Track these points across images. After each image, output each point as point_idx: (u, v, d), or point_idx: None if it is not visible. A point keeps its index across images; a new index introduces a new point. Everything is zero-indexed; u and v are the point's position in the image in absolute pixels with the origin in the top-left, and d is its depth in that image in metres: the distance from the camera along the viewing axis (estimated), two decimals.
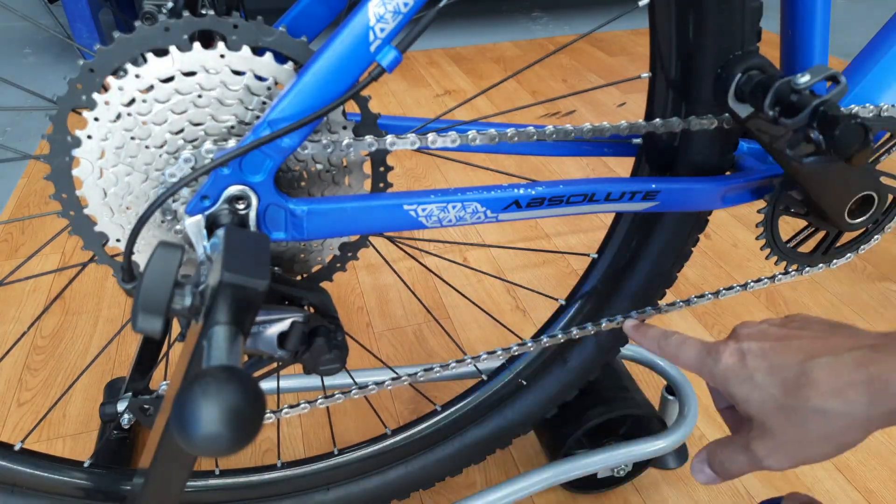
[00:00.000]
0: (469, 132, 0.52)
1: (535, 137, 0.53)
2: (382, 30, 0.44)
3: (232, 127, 0.49)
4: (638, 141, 0.66)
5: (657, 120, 0.56)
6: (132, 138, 0.47)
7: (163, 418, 0.52)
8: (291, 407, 0.66)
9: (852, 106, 0.57)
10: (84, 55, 0.46)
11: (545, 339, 0.69)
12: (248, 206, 0.47)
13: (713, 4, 0.52)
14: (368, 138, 0.49)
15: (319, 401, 0.67)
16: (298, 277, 0.58)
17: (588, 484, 0.90)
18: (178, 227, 0.52)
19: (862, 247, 0.66)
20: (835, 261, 0.67)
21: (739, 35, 0.53)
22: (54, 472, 0.66)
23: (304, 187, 0.53)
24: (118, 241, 0.51)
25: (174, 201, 0.50)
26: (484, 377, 0.82)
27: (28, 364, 1.08)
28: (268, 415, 0.67)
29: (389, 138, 0.50)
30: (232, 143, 0.48)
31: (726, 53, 0.53)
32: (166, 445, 0.52)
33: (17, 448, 0.65)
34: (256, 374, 0.50)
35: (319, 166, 0.52)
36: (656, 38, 0.58)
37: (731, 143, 0.61)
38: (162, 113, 0.47)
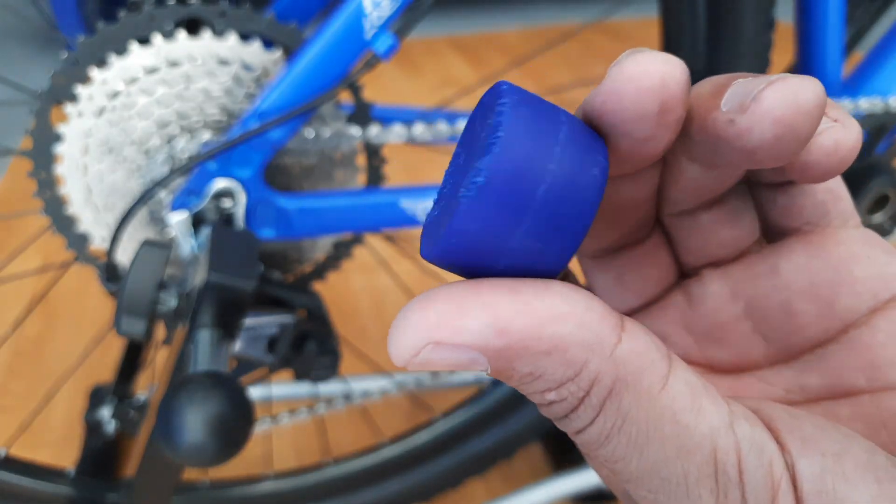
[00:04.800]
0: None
1: None
2: (379, 15, 0.42)
3: (219, 120, 0.47)
4: None
5: None
6: (117, 132, 0.45)
7: (148, 426, 0.50)
8: (273, 418, 0.64)
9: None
10: (69, 46, 0.44)
11: None
12: (236, 202, 0.45)
13: None
14: (355, 129, 0.47)
15: (302, 413, 0.65)
16: (289, 278, 0.56)
17: (599, 496, 0.87)
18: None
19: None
20: None
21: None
22: (39, 481, 0.65)
23: (295, 181, 0.51)
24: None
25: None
26: (487, 380, 0.80)
27: (12, 368, 1.06)
28: (259, 423, 0.65)
29: (376, 129, 0.47)
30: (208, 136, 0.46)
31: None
32: (151, 454, 0.50)
33: (1, 456, 0.63)
34: (244, 379, 0.48)
35: (311, 159, 0.50)
36: (667, 25, 0.56)
37: None
38: (148, 106, 0.45)
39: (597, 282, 0.22)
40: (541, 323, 0.14)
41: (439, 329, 0.14)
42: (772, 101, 0.14)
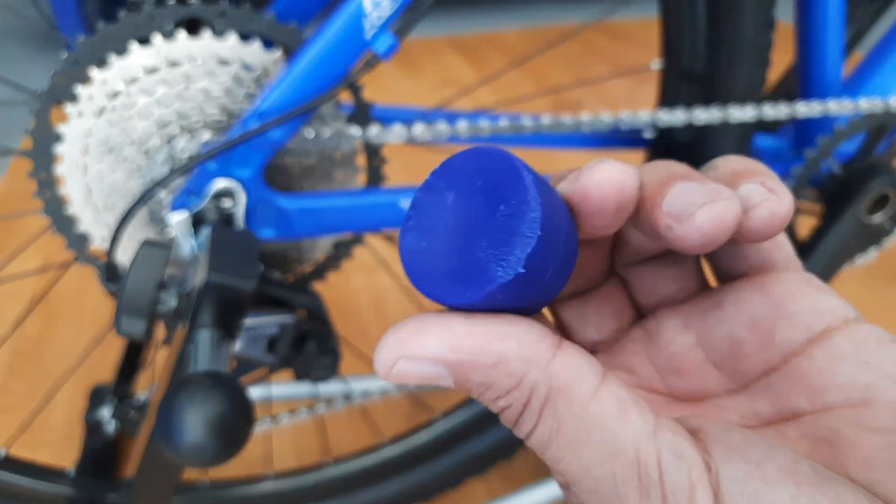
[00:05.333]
0: (469, 123, 0.50)
1: (543, 128, 0.51)
2: (379, 15, 0.42)
3: (219, 120, 0.46)
4: (649, 134, 0.63)
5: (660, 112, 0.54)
6: (117, 132, 0.45)
7: (148, 426, 0.50)
8: (273, 418, 0.64)
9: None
10: (69, 46, 0.44)
11: None
12: (236, 202, 0.45)
13: None
14: (355, 129, 0.47)
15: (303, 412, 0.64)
16: (289, 278, 0.56)
17: None
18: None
19: (885, 240, 0.63)
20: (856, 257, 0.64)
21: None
22: (39, 481, 0.64)
23: (295, 181, 0.51)
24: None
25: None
26: None
27: (12, 368, 1.06)
28: (259, 423, 0.64)
29: (376, 129, 0.47)
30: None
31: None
32: (151, 454, 0.50)
33: (1, 456, 0.63)
34: (244, 379, 0.48)
35: (311, 159, 0.50)
36: (667, 25, 0.56)
37: (746, 138, 0.59)
38: (148, 106, 0.45)
39: (563, 319, 0.25)
40: (487, 341, 0.17)
41: (407, 345, 0.17)
42: (701, 222, 0.18)
